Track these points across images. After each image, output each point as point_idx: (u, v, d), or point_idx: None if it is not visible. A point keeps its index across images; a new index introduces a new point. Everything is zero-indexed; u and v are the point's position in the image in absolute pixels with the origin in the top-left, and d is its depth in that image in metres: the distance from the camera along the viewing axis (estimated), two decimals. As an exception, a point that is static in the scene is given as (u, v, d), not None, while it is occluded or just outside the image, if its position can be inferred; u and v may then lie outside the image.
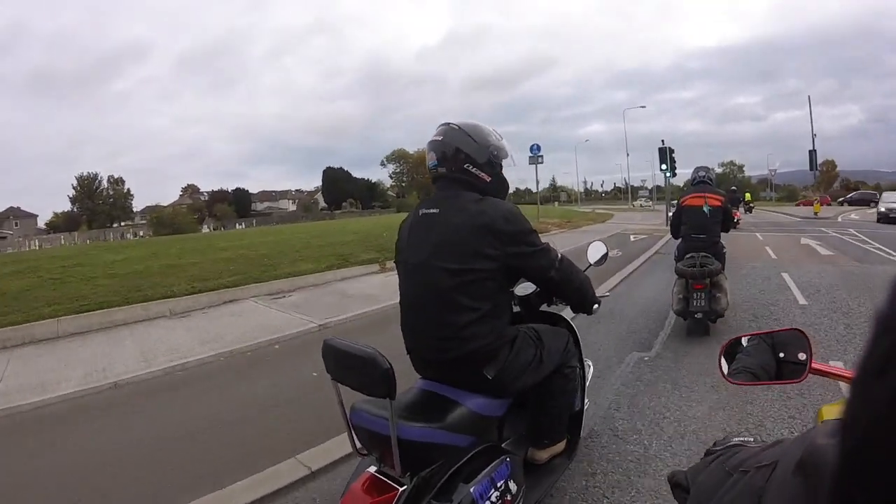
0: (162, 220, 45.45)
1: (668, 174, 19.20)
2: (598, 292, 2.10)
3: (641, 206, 48.76)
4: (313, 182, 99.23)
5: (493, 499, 1.63)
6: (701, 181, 4.87)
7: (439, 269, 1.72)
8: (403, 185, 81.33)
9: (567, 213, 27.37)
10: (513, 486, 1.72)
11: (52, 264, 8.91)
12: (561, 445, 2.14)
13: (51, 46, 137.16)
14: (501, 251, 1.70)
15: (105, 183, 63.07)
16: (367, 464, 1.66)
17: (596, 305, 2.02)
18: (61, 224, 58.99)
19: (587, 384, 2.37)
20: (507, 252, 1.71)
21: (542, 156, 17.10)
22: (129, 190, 65.17)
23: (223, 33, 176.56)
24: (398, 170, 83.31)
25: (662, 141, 18.89)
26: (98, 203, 61.17)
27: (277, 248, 10.78)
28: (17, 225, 58.57)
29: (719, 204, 4.66)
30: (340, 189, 69.05)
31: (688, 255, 4.55)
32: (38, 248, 30.70)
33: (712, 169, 5.14)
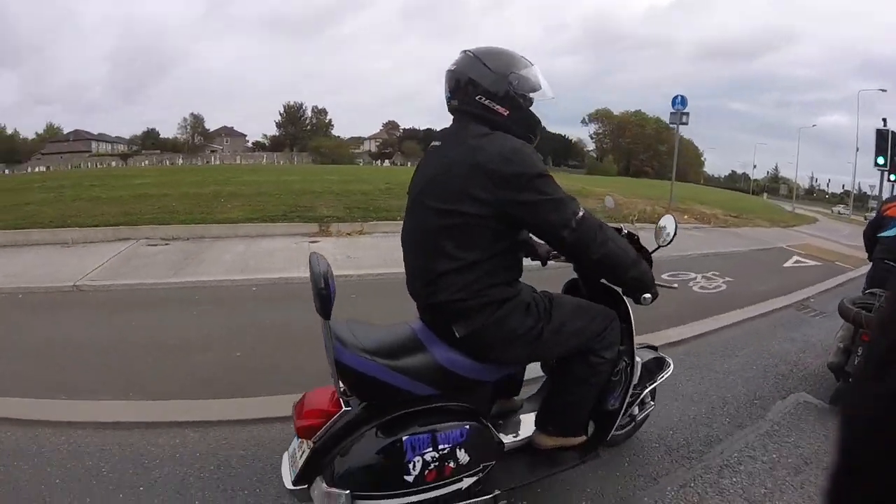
0: (320, 151, 47.77)
1: (886, 171, 12.71)
2: (660, 281, 1.86)
3: (840, 213, 39.84)
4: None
5: (428, 458, 1.54)
6: None
7: (427, 207, 1.58)
8: (605, 146, 73.99)
9: (750, 206, 19.92)
10: (462, 456, 1.60)
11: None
12: (574, 440, 1.92)
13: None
14: (494, 195, 1.48)
15: (309, 112, 69.48)
16: None
17: (647, 296, 1.72)
18: (268, 145, 67.20)
19: (636, 382, 2.08)
20: (501, 197, 1.48)
21: (686, 112, 12.52)
22: (330, 120, 70.68)
23: None
24: (599, 130, 75.94)
25: (884, 121, 11.48)
26: (300, 129, 67.77)
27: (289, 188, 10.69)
28: (227, 142, 68.69)
29: None
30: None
31: (869, 290, 3.15)
32: (239, 162, 39.41)
33: None
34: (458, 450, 1.58)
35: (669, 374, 2.37)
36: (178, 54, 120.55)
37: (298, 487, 1.57)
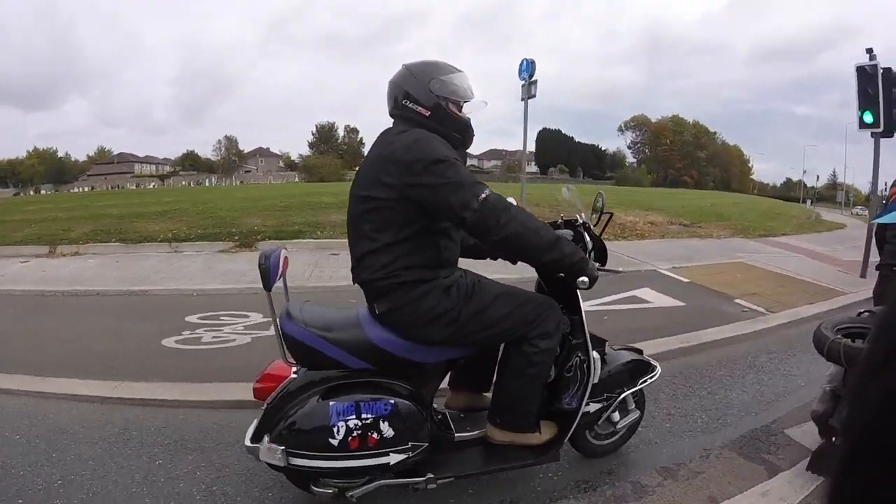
0: (308, 168, 47.78)
1: (871, 125, 6.69)
2: (608, 266, 1.99)
3: (858, 213, 36.27)
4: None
5: (351, 425, 1.67)
6: None
7: (353, 196, 1.80)
8: (644, 156, 71.78)
9: (732, 213, 14.47)
10: (387, 430, 1.70)
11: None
12: (525, 438, 1.92)
13: (340, 14, 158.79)
14: (399, 180, 1.66)
15: (341, 132, 69.43)
16: None
17: (584, 279, 1.74)
18: (299, 164, 67.41)
19: (591, 382, 2.01)
20: (404, 182, 1.66)
21: (535, 81, 9.41)
22: (361, 139, 70.41)
23: None
24: (637, 138, 73.87)
25: (870, 51, 6.71)
26: (331, 149, 67.67)
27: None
28: (262, 162, 70.19)
29: None
30: (552, 153, 63.29)
31: (863, 312, 2.33)
32: (270, 182, 40.95)
33: None
34: (381, 422, 1.70)
35: (655, 378, 2.25)
36: (239, 77, 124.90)
37: (254, 445, 1.75)
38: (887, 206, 2.66)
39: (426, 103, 1.77)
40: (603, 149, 71.59)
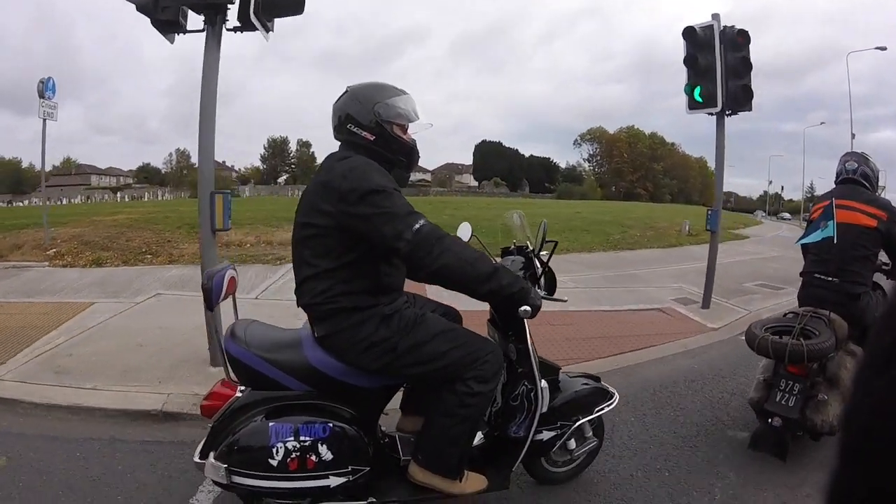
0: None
1: (705, 103, 5.21)
2: (555, 294, 2.01)
3: (781, 218, 39.79)
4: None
5: (290, 446, 1.67)
6: (847, 179, 2.82)
7: (295, 222, 1.80)
8: (601, 169, 70.06)
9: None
10: (325, 453, 1.70)
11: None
12: (445, 483, 1.81)
13: (338, 31, 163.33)
14: (335, 208, 1.66)
15: (294, 146, 70.92)
16: None
17: (525, 308, 1.72)
18: (251, 178, 68.93)
19: (539, 411, 1.98)
20: (340, 210, 1.65)
21: (55, 104, 8.07)
22: (313, 153, 71.53)
23: (497, 17, 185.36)
24: (594, 151, 72.21)
25: (717, 16, 5.10)
26: (281, 163, 69.22)
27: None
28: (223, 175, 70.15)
29: (872, 224, 2.63)
30: (491, 165, 62.56)
31: (788, 313, 2.71)
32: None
33: (872, 159, 2.87)
34: (319, 444, 1.69)
35: (613, 405, 2.22)
36: (237, 90, 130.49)
37: (200, 461, 1.76)
38: (809, 224, 2.81)
39: (370, 127, 1.76)
40: (553, 162, 70.30)
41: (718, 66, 5.08)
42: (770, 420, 2.47)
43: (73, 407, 2.97)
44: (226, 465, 1.68)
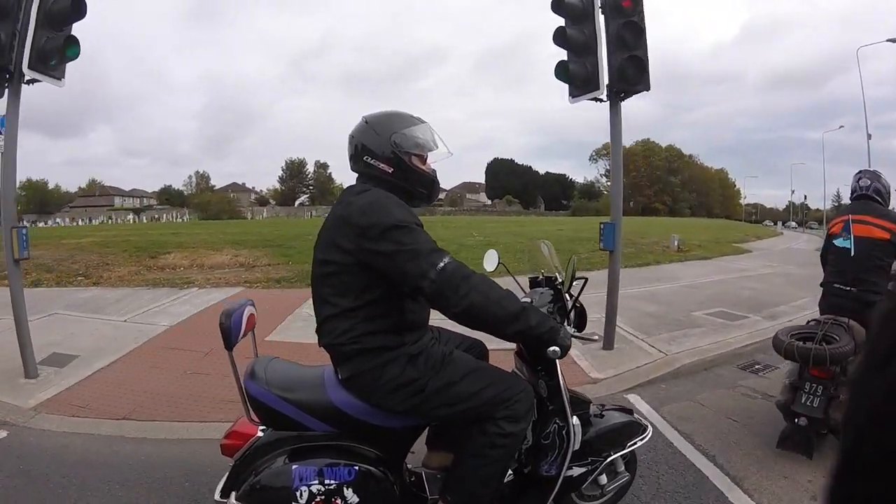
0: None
1: (604, 99, 4.23)
2: (583, 332, 1.92)
3: (787, 226, 38.23)
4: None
5: (314, 490, 1.62)
6: (861, 196, 3.01)
7: (315, 259, 1.73)
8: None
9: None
10: (351, 496, 1.65)
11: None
12: None
13: (361, 51, 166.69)
14: (356, 245, 1.59)
15: (311, 167, 72.12)
16: None
17: (554, 349, 1.65)
18: (270, 199, 70.31)
19: (571, 449, 1.91)
20: (361, 247, 1.58)
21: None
22: (330, 174, 72.72)
23: (516, 34, 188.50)
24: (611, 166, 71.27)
25: None
26: (299, 183, 70.38)
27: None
28: (234, 197, 70.75)
29: (886, 237, 2.82)
30: (504, 183, 62.30)
31: (811, 321, 2.94)
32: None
33: (884, 176, 3.05)
34: (345, 488, 1.64)
35: (646, 440, 2.16)
36: (261, 112, 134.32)
37: (222, 500, 1.71)
38: (827, 236, 3.11)
39: (388, 159, 1.70)
40: (570, 178, 69.58)
41: (602, 39, 3.98)
42: (796, 420, 2.72)
43: None
44: None
